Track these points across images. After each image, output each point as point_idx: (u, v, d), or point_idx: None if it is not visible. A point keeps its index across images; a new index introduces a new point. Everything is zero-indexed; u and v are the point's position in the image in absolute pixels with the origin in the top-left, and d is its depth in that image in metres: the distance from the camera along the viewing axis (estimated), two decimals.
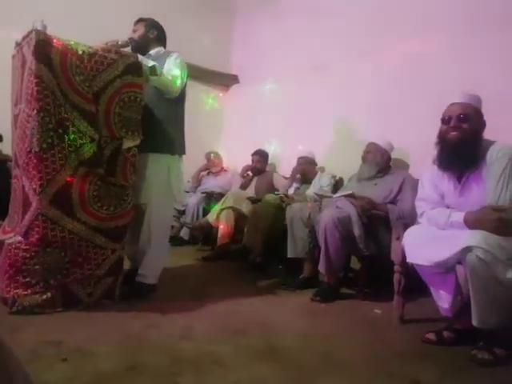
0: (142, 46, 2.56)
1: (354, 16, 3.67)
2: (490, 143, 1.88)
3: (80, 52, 2.01)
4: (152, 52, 2.57)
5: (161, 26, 2.65)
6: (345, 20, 3.75)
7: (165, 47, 2.65)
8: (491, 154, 1.83)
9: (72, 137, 1.99)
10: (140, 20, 2.63)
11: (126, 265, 2.42)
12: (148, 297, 2.35)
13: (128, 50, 2.48)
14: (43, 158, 1.92)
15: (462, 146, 1.86)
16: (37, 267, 1.97)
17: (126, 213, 2.20)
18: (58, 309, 2.03)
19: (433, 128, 2.03)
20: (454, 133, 1.89)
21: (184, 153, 2.58)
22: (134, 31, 2.60)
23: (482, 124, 1.93)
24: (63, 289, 2.05)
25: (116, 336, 1.80)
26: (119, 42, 2.45)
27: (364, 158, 2.98)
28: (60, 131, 1.96)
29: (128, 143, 2.18)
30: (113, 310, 2.10)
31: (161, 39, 2.65)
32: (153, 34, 2.59)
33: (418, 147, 2.83)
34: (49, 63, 1.91)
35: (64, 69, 1.96)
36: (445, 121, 1.95)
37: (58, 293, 2.03)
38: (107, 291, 2.19)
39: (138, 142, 2.21)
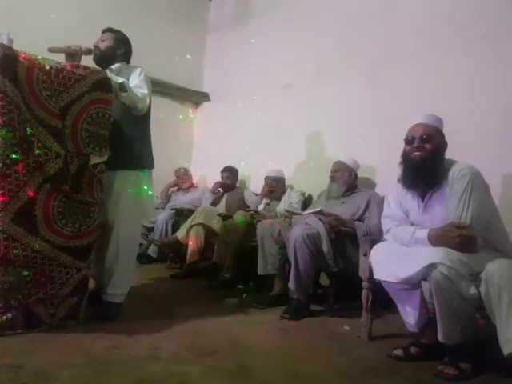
0: (106, 58, 2.49)
1: (324, 37, 3.79)
2: (452, 163, 1.96)
3: (47, 67, 1.98)
4: (114, 66, 2.50)
5: (129, 43, 2.62)
6: (315, 41, 3.87)
7: (128, 63, 2.60)
8: (453, 173, 1.90)
9: (37, 152, 1.93)
10: (109, 30, 2.57)
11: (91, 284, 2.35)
12: (118, 316, 2.28)
13: (90, 58, 2.44)
14: (6, 174, 1.86)
15: (424, 165, 1.93)
16: None
17: (92, 230, 2.14)
18: (19, 331, 1.93)
19: (398, 147, 2.09)
20: (417, 153, 1.96)
21: (152, 167, 2.55)
22: (103, 40, 2.53)
23: (443, 144, 2.00)
24: (24, 309, 1.96)
25: (79, 358, 1.73)
26: (82, 48, 2.38)
27: (332, 177, 3.04)
28: (25, 147, 1.90)
29: (95, 159, 2.14)
30: (76, 331, 2.03)
31: (126, 56, 2.60)
32: (120, 51, 2.55)
33: (383, 166, 2.92)
34: (14, 78, 1.87)
35: (30, 84, 1.92)
36: (408, 141, 2.01)
37: (19, 314, 1.94)
38: (71, 312, 2.11)
39: (105, 158, 2.17)
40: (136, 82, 2.35)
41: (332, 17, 3.76)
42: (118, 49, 2.54)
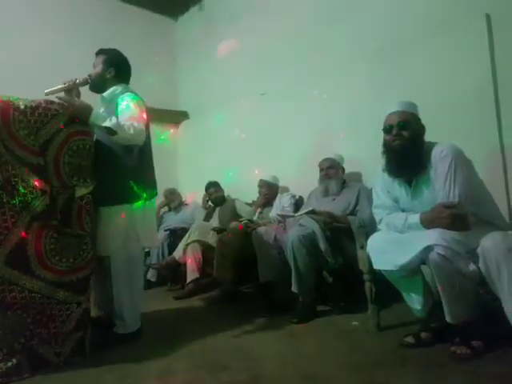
0: (97, 86, 2.40)
1: (296, 41, 3.84)
2: (433, 145, 1.97)
3: (22, 107, 1.99)
4: (106, 94, 2.39)
5: (122, 61, 2.47)
6: (287, 46, 3.92)
7: (128, 82, 2.49)
8: (435, 155, 1.91)
9: (22, 192, 1.93)
10: (100, 52, 2.44)
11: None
12: (125, 345, 2.25)
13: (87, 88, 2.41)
14: None
15: (406, 152, 1.95)
16: None
17: (87, 263, 2.13)
18: (25, 375, 1.89)
19: (378, 137, 2.10)
20: (397, 141, 1.98)
21: (152, 196, 2.45)
22: (94, 66, 2.43)
23: (421, 128, 2.02)
24: (29, 352, 1.93)
25: None
26: (77, 81, 2.30)
27: (326, 174, 3.04)
28: (9, 188, 1.90)
29: (81, 191, 2.14)
30: (84, 367, 1.99)
31: (120, 76, 2.44)
32: (110, 74, 2.40)
33: (367, 158, 2.93)
34: None
35: (7, 125, 1.93)
36: (386, 130, 2.03)
37: (24, 357, 1.91)
38: (77, 348, 2.08)
39: (90, 188, 2.17)
40: (125, 116, 2.19)
41: (299, 15, 3.82)
42: (108, 72, 2.41)
